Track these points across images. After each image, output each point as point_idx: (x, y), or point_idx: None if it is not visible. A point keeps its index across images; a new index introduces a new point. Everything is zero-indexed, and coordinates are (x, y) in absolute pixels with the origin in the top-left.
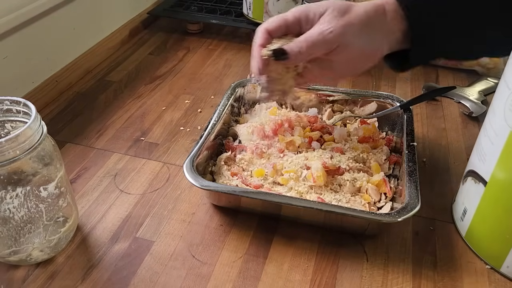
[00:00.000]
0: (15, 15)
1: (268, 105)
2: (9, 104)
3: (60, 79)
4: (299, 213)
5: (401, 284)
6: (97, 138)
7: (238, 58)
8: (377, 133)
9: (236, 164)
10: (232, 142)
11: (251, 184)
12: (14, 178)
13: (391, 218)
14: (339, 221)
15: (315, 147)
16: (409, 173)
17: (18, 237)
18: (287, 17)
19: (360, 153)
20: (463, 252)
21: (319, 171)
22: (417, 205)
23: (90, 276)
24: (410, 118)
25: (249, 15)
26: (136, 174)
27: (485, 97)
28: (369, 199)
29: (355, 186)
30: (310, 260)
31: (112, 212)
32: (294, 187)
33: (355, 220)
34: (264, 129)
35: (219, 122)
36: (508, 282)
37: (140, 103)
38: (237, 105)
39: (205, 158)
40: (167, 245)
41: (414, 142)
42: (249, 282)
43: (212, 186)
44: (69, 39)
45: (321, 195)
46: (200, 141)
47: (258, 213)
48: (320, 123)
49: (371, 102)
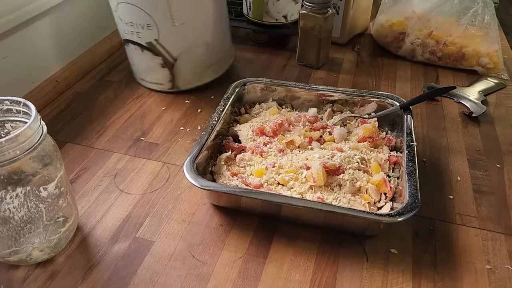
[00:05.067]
0: (15, 15)
1: (268, 105)
2: (9, 104)
3: (60, 79)
4: (299, 213)
5: (401, 284)
6: (97, 138)
7: (238, 58)
8: (377, 133)
9: (236, 164)
10: (232, 142)
11: (251, 184)
12: (14, 178)
13: (391, 218)
14: (339, 221)
15: (315, 147)
16: (409, 173)
17: (18, 237)
18: None
19: (360, 153)
20: (463, 252)
21: (319, 171)
22: (417, 205)
23: (90, 276)
24: (410, 118)
25: (249, 15)
26: (136, 174)
27: (485, 97)
28: (369, 199)
29: (355, 186)
30: (310, 260)
31: (112, 212)
32: (294, 187)
33: (355, 220)
34: (264, 129)
35: (219, 122)
36: (508, 282)
37: (140, 103)
38: (237, 105)
39: (205, 158)
40: (167, 245)
41: (414, 142)
42: (249, 282)
43: (212, 186)
44: (69, 39)
45: (321, 195)
46: (201, 141)
47: (258, 213)
48: (320, 123)
49: (371, 102)
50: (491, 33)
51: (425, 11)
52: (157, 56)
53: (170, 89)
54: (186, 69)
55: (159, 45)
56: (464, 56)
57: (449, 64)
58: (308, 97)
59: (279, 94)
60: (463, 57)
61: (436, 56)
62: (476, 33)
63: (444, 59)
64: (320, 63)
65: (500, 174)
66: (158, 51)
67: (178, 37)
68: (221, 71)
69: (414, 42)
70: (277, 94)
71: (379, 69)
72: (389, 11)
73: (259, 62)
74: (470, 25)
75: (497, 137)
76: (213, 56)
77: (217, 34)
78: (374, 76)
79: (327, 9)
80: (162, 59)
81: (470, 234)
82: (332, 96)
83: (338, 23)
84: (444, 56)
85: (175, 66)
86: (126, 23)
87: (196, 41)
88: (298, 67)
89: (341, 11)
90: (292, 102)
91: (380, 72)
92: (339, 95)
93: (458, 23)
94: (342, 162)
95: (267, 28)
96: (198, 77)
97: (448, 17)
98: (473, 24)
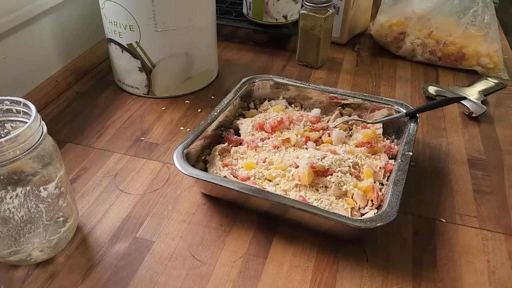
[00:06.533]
0: (15, 15)
1: (277, 102)
2: (9, 104)
3: (60, 79)
4: (273, 208)
5: (401, 284)
6: (97, 138)
7: (238, 58)
8: (377, 139)
9: (230, 156)
10: (232, 134)
11: (239, 176)
12: (14, 178)
13: (361, 223)
14: (314, 222)
15: (309, 147)
16: (395, 182)
17: (18, 237)
18: None
19: (355, 158)
20: (463, 252)
21: (305, 170)
22: (393, 214)
23: (90, 276)
24: (414, 127)
25: (249, 15)
26: (136, 174)
27: (485, 97)
28: (353, 204)
29: (341, 190)
30: (310, 260)
31: (112, 212)
32: (280, 184)
33: (326, 222)
34: (264, 125)
35: (220, 113)
36: (508, 282)
37: (140, 103)
38: (246, 100)
39: (201, 147)
40: (167, 245)
41: (411, 151)
42: (249, 282)
43: (195, 173)
44: (69, 39)
45: (304, 194)
46: (197, 130)
47: (234, 203)
48: (320, 124)
49: (382, 108)
50: (491, 33)
51: (425, 11)
52: (136, 59)
53: (145, 94)
54: (163, 77)
55: (139, 48)
56: (464, 56)
57: (449, 64)
58: (319, 98)
59: (291, 93)
60: (463, 57)
61: (436, 56)
62: (476, 33)
63: (444, 59)
64: (320, 63)
65: (500, 174)
66: (137, 54)
67: (159, 43)
68: (198, 86)
69: (414, 42)
70: (289, 93)
71: (379, 69)
72: (389, 11)
73: (259, 62)
74: (470, 25)
75: (497, 137)
76: (192, 69)
77: (200, 48)
78: (374, 76)
79: (327, 9)
80: (140, 62)
81: (470, 234)
82: (345, 100)
83: (338, 23)
84: (444, 56)
85: (153, 72)
86: (110, 22)
87: (177, 51)
88: (298, 67)
89: (341, 11)
90: (303, 102)
91: (380, 72)
92: (353, 100)
93: (458, 23)
94: (332, 165)
95: (267, 28)
96: (174, 87)
97: (448, 17)
98: (473, 24)
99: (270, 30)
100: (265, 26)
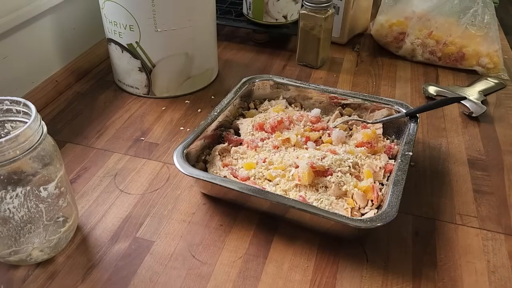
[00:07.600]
0: (15, 15)
1: (277, 102)
2: (9, 104)
3: (60, 79)
4: (273, 208)
5: (401, 284)
6: (97, 138)
7: (238, 58)
8: (377, 139)
9: (230, 156)
10: (232, 134)
11: (239, 176)
12: (14, 178)
13: (362, 223)
14: (315, 221)
15: (309, 147)
16: (395, 182)
17: (18, 237)
18: None
19: (355, 158)
20: (463, 252)
21: (305, 170)
22: (393, 214)
23: (90, 276)
24: (414, 127)
25: (249, 15)
26: (136, 174)
27: (485, 97)
28: (353, 204)
29: (341, 190)
30: (310, 260)
31: (112, 212)
32: (280, 184)
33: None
34: (264, 125)
35: (220, 113)
36: (508, 282)
37: (140, 103)
38: (246, 100)
39: (201, 146)
40: (167, 245)
41: (411, 151)
42: (249, 282)
43: (194, 173)
44: (69, 39)
45: (304, 194)
46: (197, 130)
47: (235, 203)
48: (320, 124)
49: (382, 108)
50: (491, 33)
51: (425, 11)
52: (136, 59)
53: (145, 94)
54: (163, 77)
55: (139, 48)
56: (464, 56)
57: (449, 64)
58: (319, 98)
59: (291, 93)
60: (463, 57)
61: (436, 56)
62: (476, 33)
63: (444, 59)
64: (320, 63)
65: (500, 174)
66: (137, 54)
67: (159, 43)
68: (198, 86)
69: (414, 42)
70: (289, 93)
71: (379, 69)
72: (389, 11)
73: (259, 62)
74: (470, 25)
75: (497, 137)
76: (192, 69)
77: (200, 48)
78: (374, 76)
79: (327, 9)
80: (140, 62)
81: (470, 234)
82: (345, 100)
83: (338, 23)
84: (444, 56)
85: (153, 72)
86: (110, 22)
87: (177, 51)
88: (298, 67)
89: (341, 11)
90: (303, 102)
91: (380, 72)
92: (353, 100)
93: (458, 23)
94: (332, 165)
95: (267, 28)
96: (174, 87)
97: (448, 17)
98: (473, 24)
99: (270, 30)
100: (265, 26)
